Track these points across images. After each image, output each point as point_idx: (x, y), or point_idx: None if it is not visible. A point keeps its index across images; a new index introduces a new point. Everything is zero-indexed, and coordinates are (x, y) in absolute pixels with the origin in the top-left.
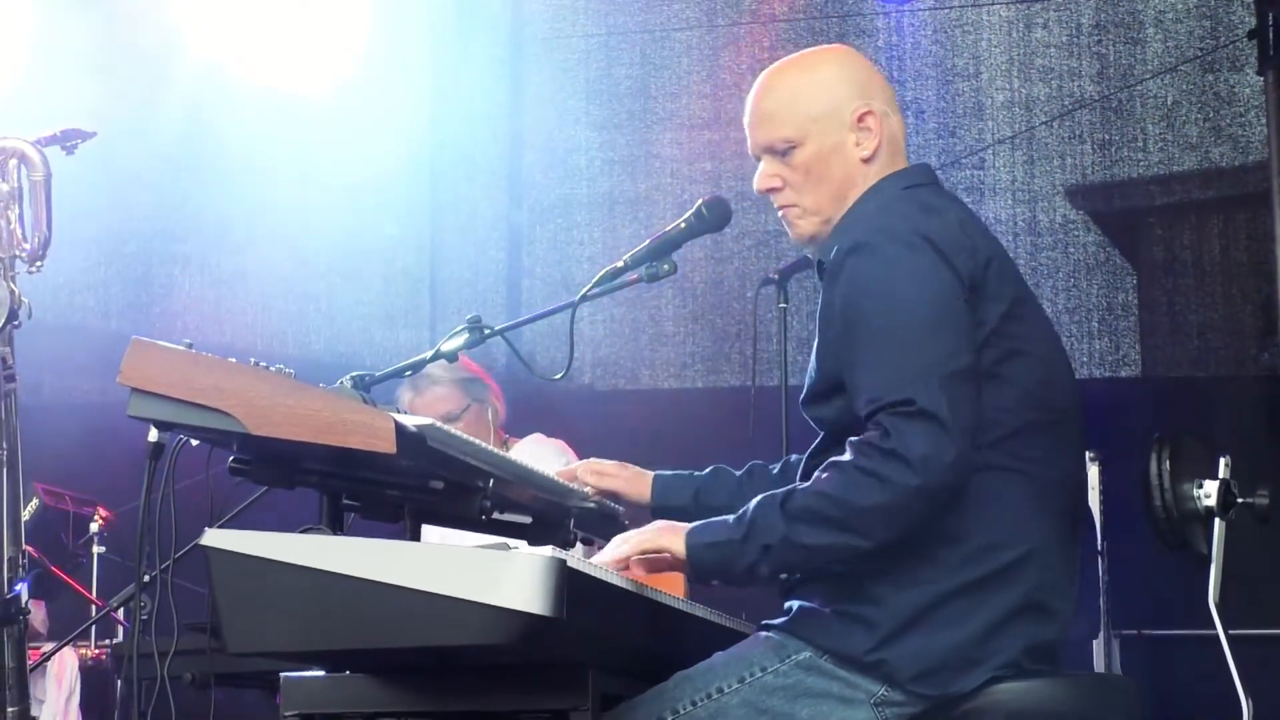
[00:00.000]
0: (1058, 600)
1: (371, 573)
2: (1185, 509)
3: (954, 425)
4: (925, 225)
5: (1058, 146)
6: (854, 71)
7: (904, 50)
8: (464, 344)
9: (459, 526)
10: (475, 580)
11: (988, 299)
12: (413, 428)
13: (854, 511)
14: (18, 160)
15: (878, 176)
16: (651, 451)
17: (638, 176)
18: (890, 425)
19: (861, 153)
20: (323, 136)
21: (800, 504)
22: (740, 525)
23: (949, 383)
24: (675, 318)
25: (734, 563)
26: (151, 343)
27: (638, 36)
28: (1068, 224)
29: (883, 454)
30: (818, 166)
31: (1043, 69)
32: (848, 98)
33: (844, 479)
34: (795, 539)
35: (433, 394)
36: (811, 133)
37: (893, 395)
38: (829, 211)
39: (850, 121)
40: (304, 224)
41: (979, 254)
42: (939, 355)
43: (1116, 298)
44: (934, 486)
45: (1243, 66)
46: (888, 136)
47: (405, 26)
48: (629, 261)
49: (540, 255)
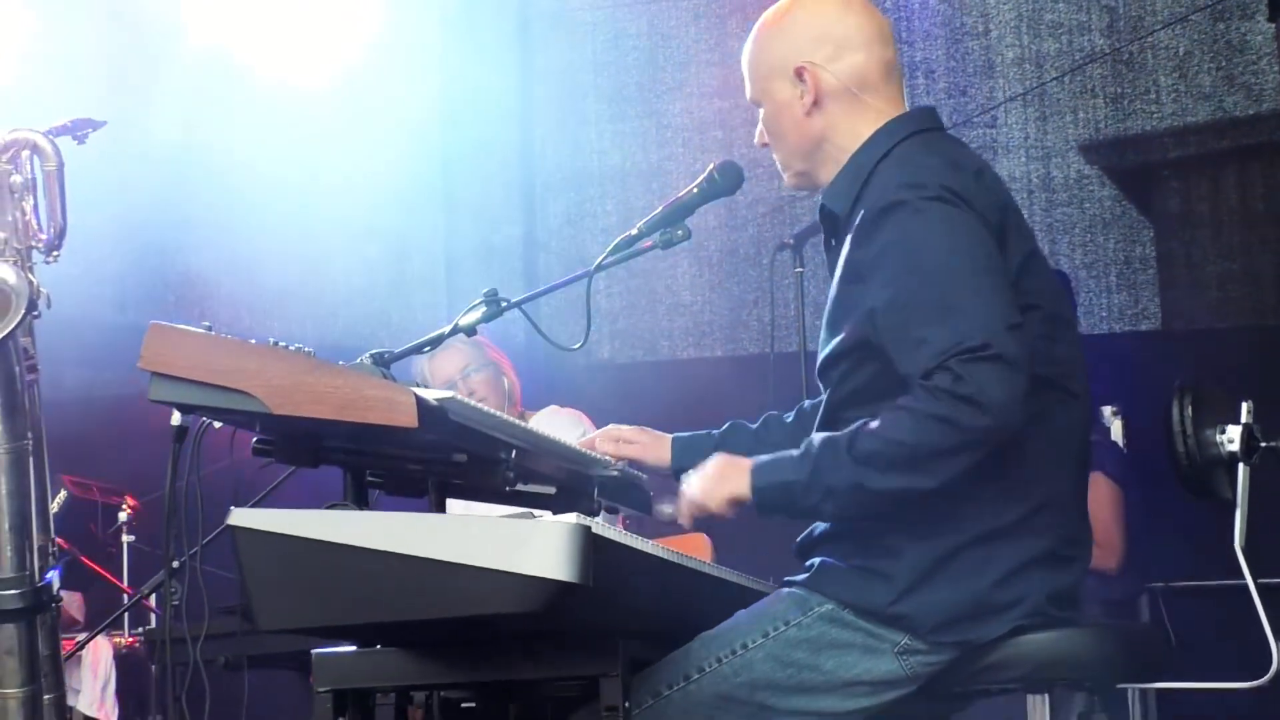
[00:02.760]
0: (1073, 547)
1: (398, 545)
2: (1208, 455)
3: (1024, 367)
4: (952, 178)
5: (1070, 102)
6: (801, 21)
7: (912, 10)
8: (481, 317)
9: (483, 499)
10: (501, 549)
11: (1010, 246)
12: (434, 401)
13: (925, 455)
14: (30, 151)
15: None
16: (672, 422)
17: (649, 147)
18: (965, 371)
19: (802, 108)
20: (334, 117)
21: (868, 447)
22: (804, 465)
23: (1014, 331)
24: (692, 287)
25: (798, 502)
26: (171, 326)
27: (644, 6)
28: (1082, 179)
29: (956, 398)
30: (773, 124)
31: (1052, 24)
32: (789, 54)
33: (915, 424)
34: (863, 483)
35: (447, 354)
36: (766, 92)
37: (968, 341)
38: (798, 165)
39: (791, 77)
40: (317, 206)
41: (998, 201)
42: (1002, 302)
43: (1134, 251)
44: (1004, 428)
45: (1254, 14)
46: (835, 85)
47: (413, 4)
48: (643, 229)
49: (554, 229)
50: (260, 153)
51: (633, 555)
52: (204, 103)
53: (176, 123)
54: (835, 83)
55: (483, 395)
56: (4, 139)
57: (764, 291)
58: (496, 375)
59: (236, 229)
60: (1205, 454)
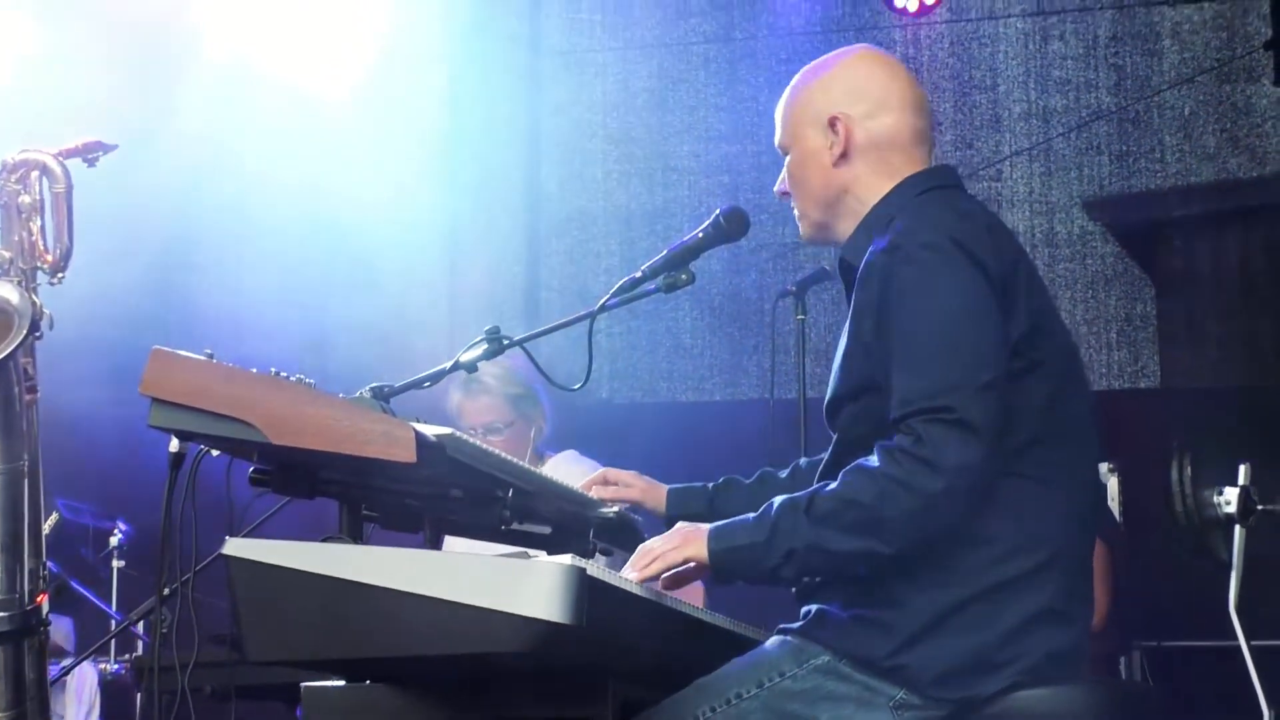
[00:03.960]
0: (1077, 606)
1: (391, 581)
2: (1206, 515)
3: (986, 434)
4: (956, 229)
5: (1075, 158)
6: (846, 75)
7: (921, 63)
8: (482, 355)
9: (479, 536)
10: (496, 588)
11: (1015, 305)
12: (433, 437)
13: (881, 519)
14: (39, 172)
15: (867, 178)
16: (670, 465)
17: (655, 189)
18: (924, 432)
19: (831, 157)
20: (341, 149)
21: (825, 508)
22: (762, 527)
23: (983, 391)
24: (693, 330)
25: (757, 565)
26: (172, 353)
27: (655, 49)
28: (1085, 235)
29: (915, 460)
30: (798, 171)
31: (1059, 80)
32: (826, 103)
33: (872, 485)
34: (820, 544)
35: (480, 402)
36: (796, 138)
37: (929, 401)
38: (815, 215)
39: (823, 126)
40: (322, 236)
41: (1006, 258)
42: (975, 363)
43: (1135, 309)
44: (961, 494)
45: (1259, 77)
46: (865, 140)
47: (423, 40)
48: (647, 272)
49: (557, 268)
50: (266, 180)
51: (627, 598)
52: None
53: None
54: (866, 138)
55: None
56: (14, 159)
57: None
58: (519, 433)
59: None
60: (1203, 514)
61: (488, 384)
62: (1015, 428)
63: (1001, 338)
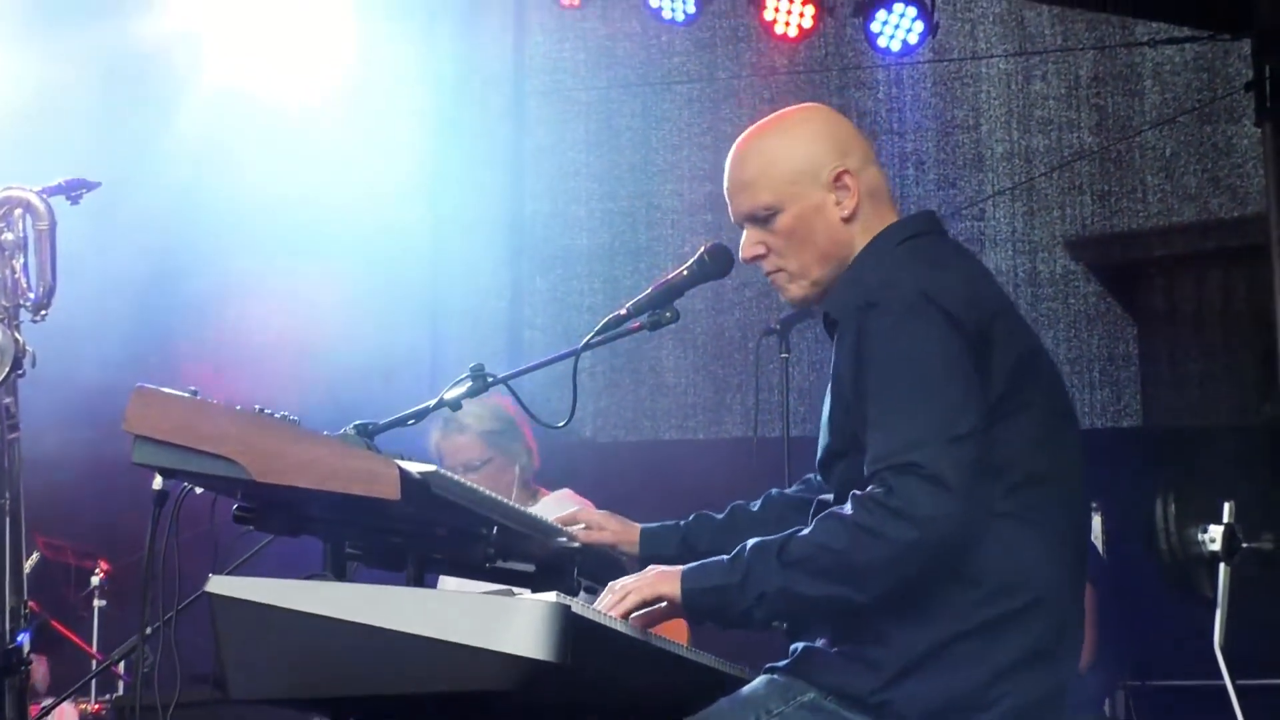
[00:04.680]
0: (1065, 646)
1: (376, 619)
2: (1190, 553)
3: (958, 487)
4: (930, 283)
5: (1057, 197)
6: (827, 130)
7: (904, 102)
8: (467, 392)
9: (463, 574)
10: (480, 626)
11: (996, 351)
12: (416, 474)
13: (852, 567)
14: (23, 210)
15: (864, 232)
16: (652, 503)
17: (638, 227)
18: (895, 483)
19: (842, 212)
20: (324, 188)
21: (798, 554)
22: (736, 570)
23: (953, 445)
24: (676, 368)
25: (729, 608)
26: (156, 390)
27: (639, 89)
28: (1068, 274)
29: (886, 511)
30: (800, 230)
31: (1042, 120)
32: (823, 158)
33: (844, 533)
34: (791, 589)
35: (455, 441)
36: (790, 197)
37: (900, 457)
38: (816, 273)
39: (828, 181)
40: (304, 275)
41: (985, 307)
42: (945, 418)
43: (1117, 348)
44: (933, 545)
45: (1240, 118)
46: (867, 192)
47: (407, 79)
48: (632, 309)
49: (541, 306)
50: (248, 218)
51: (612, 636)
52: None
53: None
54: (867, 191)
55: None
56: None
57: (747, 375)
58: (500, 469)
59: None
60: (1188, 552)
61: (463, 422)
62: (1006, 469)
63: (975, 390)
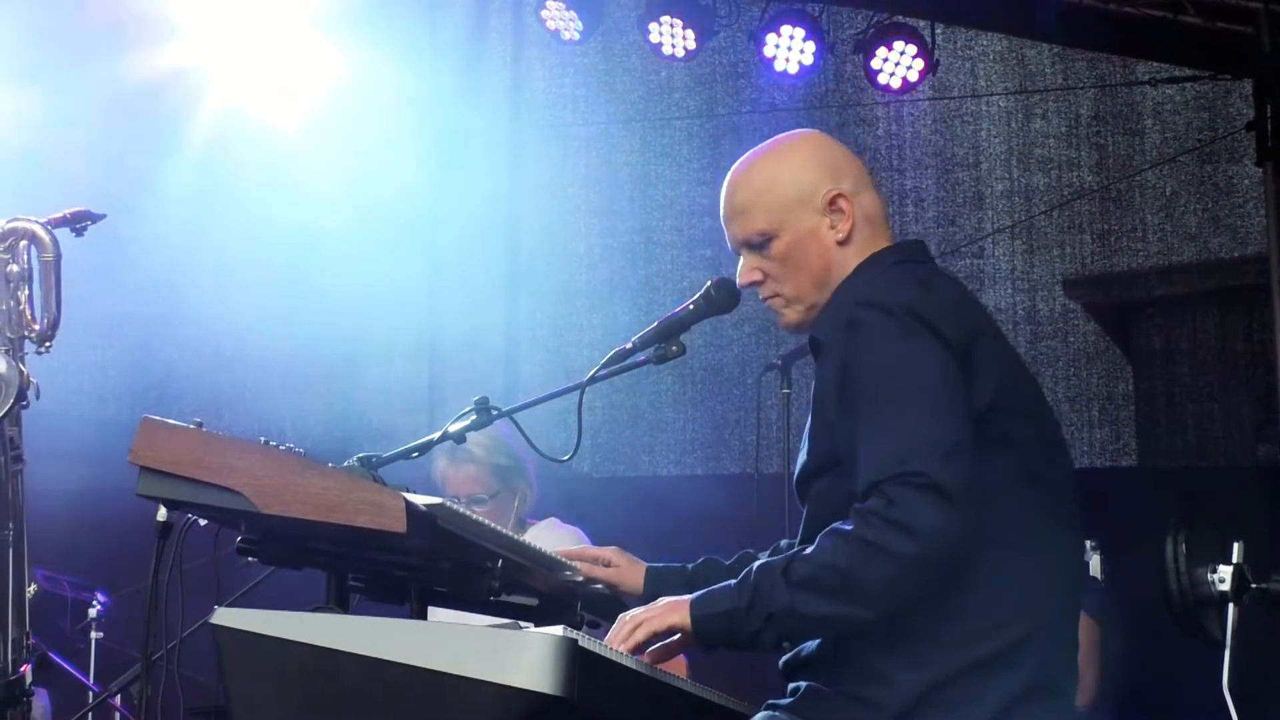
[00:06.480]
0: (1063, 678)
1: (382, 651)
2: (1200, 593)
3: (960, 497)
4: (913, 298)
5: (1057, 236)
6: (821, 154)
7: (904, 139)
8: (471, 425)
9: (466, 607)
10: (487, 659)
11: (978, 372)
12: (423, 507)
13: (857, 583)
14: (28, 241)
15: (858, 256)
16: (651, 539)
17: (637, 263)
18: (896, 495)
19: (836, 236)
20: (322, 223)
21: (802, 572)
22: (743, 594)
23: (953, 454)
24: (675, 404)
25: (739, 631)
26: (162, 421)
27: (638, 125)
28: (1067, 313)
29: (887, 524)
30: (795, 254)
31: (1042, 159)
32: (817, 182)
33: (846, 549)
34: (798, 609)
35: (465, 472)
36: (785, 222)
37: (899, 467)
38: (812, 298)
39: (822, 206)
40: (303, 310)
41: (967, 325)
42: (940, 426)
43: (1116, 387)
44: (937, 557)
45: (1241, 158)
46: (862, 216)
47: (407, 116)
48: (637, 343)
49: (540, 341)
50: (249, 253)
51: (618, 670)
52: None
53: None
54: (862, 215)
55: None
56: (2, 228)
57: (746, 411)
58: (503, 503)
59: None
60: (1197, 592)
61: (474, 453)
62: (994, 498)
63: (965, 401)
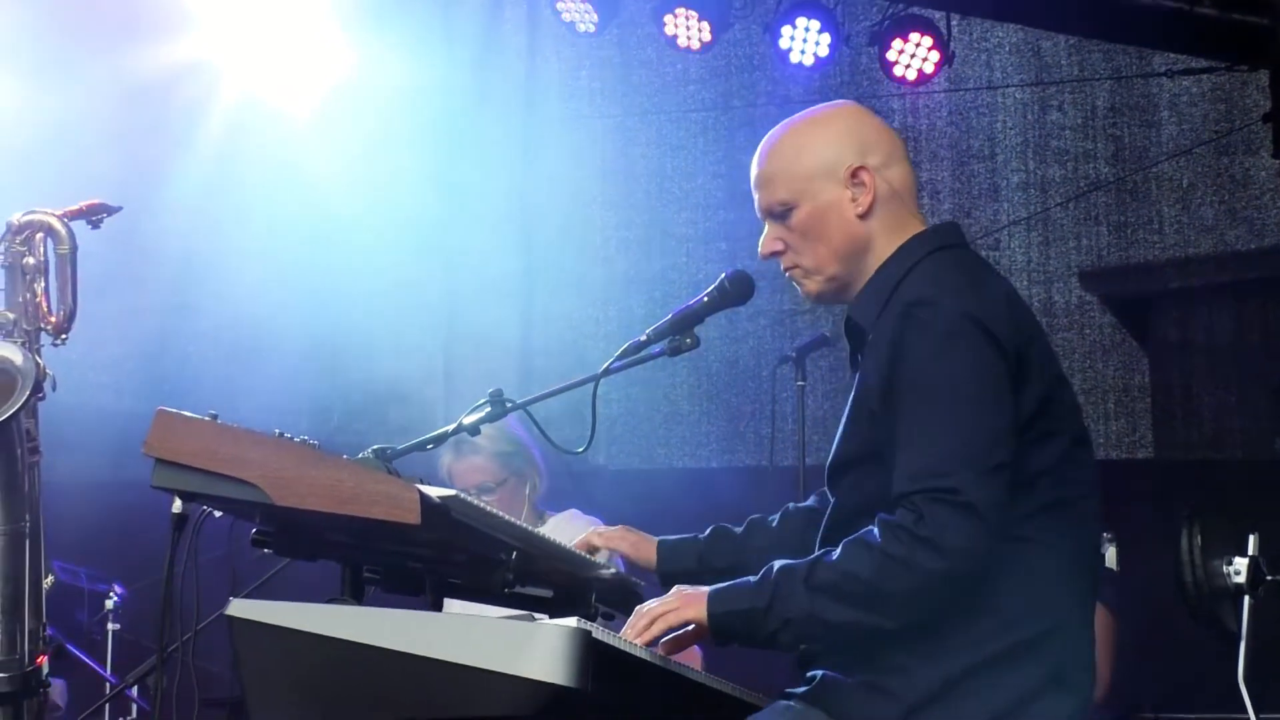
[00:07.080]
0: (1081, 673)
1: (397, 643)
2: (1215, 585)
3: (991, 518)
4: (973, 303)
5: (1073, 228)
6: (850, 126)
7: (920, 132)
8: (485, 417)
9: (481, 599)
10: (501, 651)
11: (1030, 377)
12: (437, 499)
13: (880, 595)
14: (44, 234)
15: (883, 231)
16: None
17: (652, 256)
18: (928, 510)
19: (857, 209)
20: (338, 218)
21: (825, 579)
22: (762, 594)
23: (992, 475)
24: (690, 397)
25: (756, 631)
26: (177, 413)
27: (653, 117)
28: (1084, 304)
29: (916, 540)
30: (815, 226)
31: (1058, 151)
32: (841, 155)
33: (872, 561)
34: (818, 614)
35: (470, 463)
36: (806, 193)
37: (936, 481)
38: (832, 269)
39: (844, 178)
40: (319, 302)
41: (1023, 331)
42: (984, 445)
43: (1133, 379)
44: (961, 575)
45: (1258, 149)
46: (887, 191)
47: (422, 108)
48: (652, 335)
49: (555, 334)
50: (264, 246)
51: (632, 661)
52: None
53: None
54: (887, 189)
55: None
56: (19, 220)
57: (761, 404)
58: (514, 491)
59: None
60: (1213, 584)
61: (477, 443)
62: (1030, 493)
63: (1013, 419)
